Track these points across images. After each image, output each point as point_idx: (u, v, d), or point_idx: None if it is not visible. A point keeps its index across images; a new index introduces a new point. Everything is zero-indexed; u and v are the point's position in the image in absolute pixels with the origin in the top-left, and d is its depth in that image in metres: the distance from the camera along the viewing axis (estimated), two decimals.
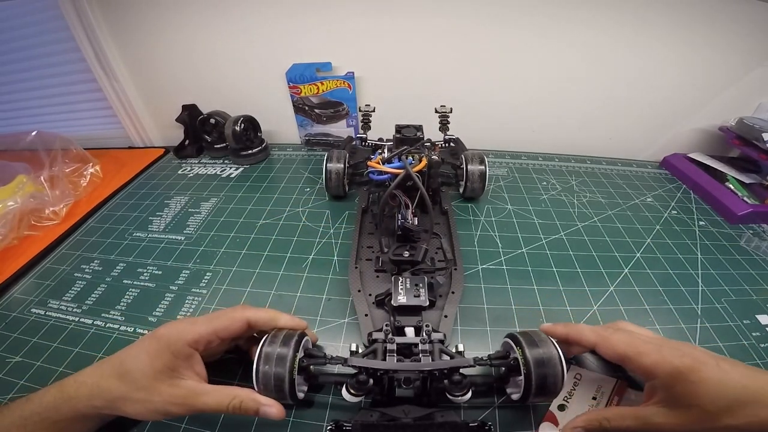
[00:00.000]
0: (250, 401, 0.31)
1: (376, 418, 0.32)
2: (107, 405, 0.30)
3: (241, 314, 0.34)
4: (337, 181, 0.61)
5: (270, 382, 0.31)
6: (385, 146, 0.56)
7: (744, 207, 0.61)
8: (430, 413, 0.32)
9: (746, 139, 0.68)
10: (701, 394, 0.28)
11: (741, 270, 0.52)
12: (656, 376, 0.30)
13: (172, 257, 0.55)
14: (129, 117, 0.85)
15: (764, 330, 0.44)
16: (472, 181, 0.61)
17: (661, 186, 0.71)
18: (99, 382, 0.30)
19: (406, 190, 0.49)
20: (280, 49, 0.74)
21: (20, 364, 0.41)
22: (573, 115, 0.79)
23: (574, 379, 0.38)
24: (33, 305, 0.48)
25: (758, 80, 0.70)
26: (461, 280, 0.46)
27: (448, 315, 0.41)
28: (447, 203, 0.59)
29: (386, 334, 0.36)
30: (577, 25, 0.67)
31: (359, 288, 0.45)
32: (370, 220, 0.56)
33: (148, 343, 0.32)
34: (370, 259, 0.50)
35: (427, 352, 0.34)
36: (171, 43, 0.76)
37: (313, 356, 0.34)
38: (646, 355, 0.31)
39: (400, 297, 0.40)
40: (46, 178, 0.66)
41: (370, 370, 0.31)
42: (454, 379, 0.31)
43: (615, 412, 0.32)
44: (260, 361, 0.31)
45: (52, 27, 0.75)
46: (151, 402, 0.30)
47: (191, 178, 0.74)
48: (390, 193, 0.45)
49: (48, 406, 0.30)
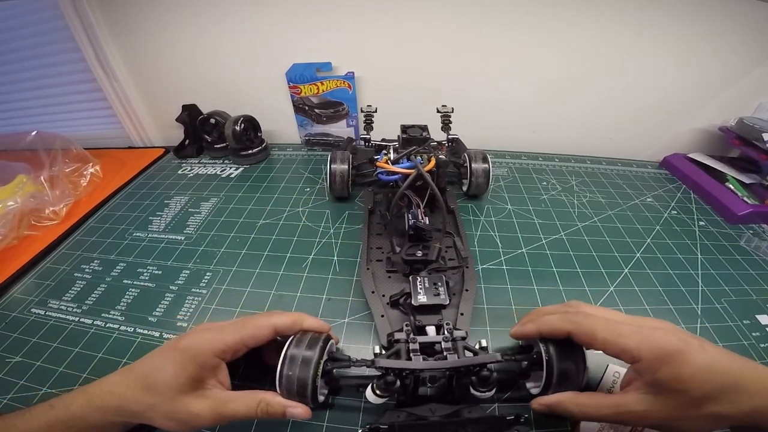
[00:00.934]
0: (277, 405, 0.31)
1: (403, 418, 0.32)
2: (134, 416, 0.30)
3: (267, 321, 0.34)
4: (342, 182, 0.61)
5: (293, 387, 0.31)
6: (390, 146, 0.56)
7: (744, 207, 0.61)
8: (458, 410, 0.33)
9: (746, 139, 0.68)
10: (687, 378, 0.26)
11: (741, 270, 0.52)
12: (641, 358, 0.28)
13: (172, 257, 0.55)
14: (129, 117, 0.85)
15: (764, 330, 0.44)
16: (476, 178, 0.61)
17: (661, 186, 0.71)
18: (126, 393, 0.30)
19: (416, 190, 0.49)
20: (280, 49, 0.74)
21: (20, 364, 0.41)
22: (573, 115, 0.79)
23: (613, 376, 0.37)
24: (33, 305, 0.48)
25: (758, 80, 0.70)
26: (474, 277, 0.46)
27: (465, 313, 0.41)
28: (453, 202, 0.59)
29: (408, 334, 0.36)
30: (578, 25, 0.67)
31: (373, 289, 0.45)
32: (378, 220, 0.56)
33: (173, 355, 0.31)
34: (381, 260, 0.50)
35: (451, 350, 0.34)
36: (171, 43, 0.76)
37: (337, 359, 0.34)
38: (627, 337, 0.29)
39: (420, 296, 0.40)
40: (46, 178, 0.66)
41: (397, 371, 0.31)
42: (482, 375, 0.31)
43: (590, 399, 0.30)
44: (284, 365, 0.32)
45: (52, 27, 0.75)
46: (178, 413, 0.29)
47: (191, 178, 0.74)
48: (401, 193, 0.45)
49: (75, 414, 0.29)
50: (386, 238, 0.52)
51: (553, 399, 0.31)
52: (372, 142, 0.65)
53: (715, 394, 0.26)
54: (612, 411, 0.29)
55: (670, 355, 0.27)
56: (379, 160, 0.52)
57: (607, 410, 0.29)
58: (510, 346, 0.41)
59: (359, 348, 0.42)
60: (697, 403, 0.26)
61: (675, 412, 0.27)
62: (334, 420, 0.36)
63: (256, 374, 0.37)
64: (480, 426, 0.31)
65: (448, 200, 0.59)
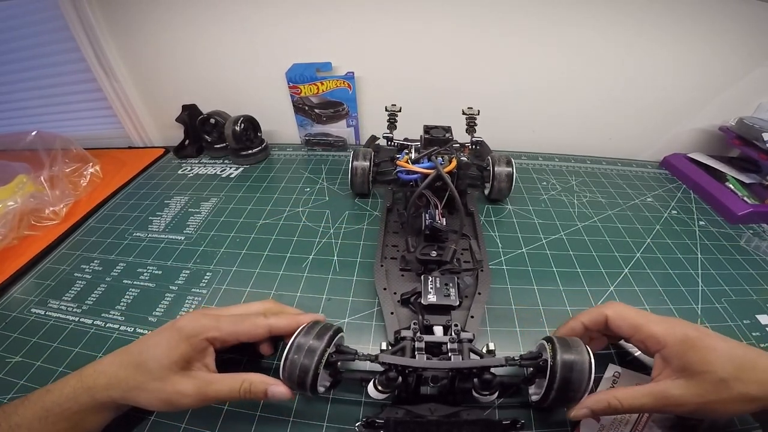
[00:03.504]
0: (260, 383, 0.32)
1: (401, 415, 0.32)
2: (123, 395, 0.30)
3: (265, 322, 0.35)
4: (363, 178, 0.61)
5: (295, 373, 0.31)
6: (412, 146, 0.56)
7: (744, 207, 0.61)
8: (457, 411, 0.33)
9: (746, 139, 0.68)
10: (712, 360, 0.29)
11: (741, 270, 0.52)
12: (667, 343, 0.31)
13: (172, 257, 0.55)
14: (129, 117, 0.85)
15: (764, 330, 0.44)
16: (499, 182, 0.61)
17: (661, 186, 0.71)
18: (117, 372, 0.31)
19: (435, 191, 0.49)
20: (281, 49, 0.74)
21: (20, 364, 0.41)
22: (573, 116, 0.79)
23: (613, 377, 0.38)
24: (33, 305, 0.48)
25: (758, 80, 0.70)
26: (488, 281, 0.46)
27: (475, 315, 0.41)
28: (473, 205, 0.59)
29: (414, 332, 0.36)
30: (577, 26, 0.67)
31: (385, 286, 0.45)
32: (394, 219, 0.57)
33: (169, 333, 0.32)
34: (394, 257, 0.50)
35: (456, 351, 0.34)
36: (171, 43, 0.76)
37: (343, 352, 0.34)
38: (656, 324, 0.32)
39: (430, 296, 0.40)
40: (46, 178, 0.66)
41: (400, 367, 0.31)
42: (484, 378, 0.31)
43: (627, 392, 0.31)
44: (291, 351, 0.32)
45: (52, 27, 0.75)
46: (165, 391, 0.30)
47: (191, 178, 0.74)
48: (419, 192, 0.45)
49: (68, 396, 0.30)
50: (402, 236, 0.52)
51: (592, 401, 0.31)
52: (395, 141, 0.65)
53: (740, 375, 0.28)
54: (652, 399, 0.30)
55: (693, 340, 0.30)
56: (400, 159, 0.52)
57: (647, 399, 0.30)
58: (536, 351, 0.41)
59: (359, 348, 0.41)
60: (726, 384, 0.28)
61: (709, 394, 0.28)
62: (335, 413, 0.36)
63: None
64: (476, 429, 0.31)
65: (468, 203, 0.58)
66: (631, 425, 0.34)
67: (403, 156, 0.53)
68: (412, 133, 0.63)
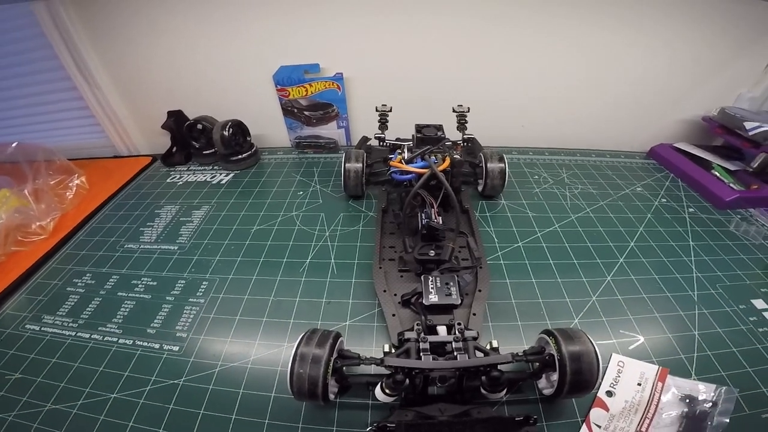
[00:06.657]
0: None
1: (411, 417, 0.32)
2: None
3: None
4: (356, 180, 0.61)
5: (304, 385, 0.31)
6: (405, 146, 0.56)
7: (731, 193, 0.62)
8: (467, 410, 0.33)
9: (728, 128, 0.69)
10: None
11: (732, 255, 0.53)
12: None
13: (166, 267, 0.54)
14: (113, 125, 0.83)
15: (760, 314, 0.45)
16: (492, 179, 0.61)
17: (650, 175, 0.72)
18: None
19: (429, 190, 0.49)
20: (267, 50, 0.73)
21: (21, 380, 0.40)
22: (561, 109, 0.79)
23: (618, 366, 0.38)
24: (27, 321, 0.47)
25: (737, 71, 0.72)
26: (488, 277, 0.46)
27: (477, 313, 0.41)
28: (468, 202, 0.59)
29: (418, 333, 0.36)
30: (564, 20, 0.67)
31: (385, 288, 0.45)
32: (390, 220, 0.56)
33: None
34: (393, 259, 0.50)
35: (462, 350, 0.34)
36: (153, 47, 0.74)
37: (347, 357, 0.34)
38: None
39: (432, 296, 0.40)
40: (30, 191, 0.64)
41: (406, 370, 0.31)
42: (492, 376, 0.31)
43: None
44: (295, 363, 0.31)
45: (27, 35, 0.72)
46: None
47: (181, 186, 0.72)
48: (415, 192, 0.45)
49: None
50: (399, 237, 0.52)
51: None
52: (387, 141, 0.65)
53: None
54: None
55: None
56: (393, 159, 0.52)
57: None
58: (537, 346, 0.42)
59: (362, 350, 0.41)
60: None
61: None
62: (343, 418, 0.36)
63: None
64: (489, 426, 0.31)
65: (463, 200, 0.59)
66: (640, 414, 0.34)
67: (396, 156, 0.53)
68: (404, 132, 0.64)
